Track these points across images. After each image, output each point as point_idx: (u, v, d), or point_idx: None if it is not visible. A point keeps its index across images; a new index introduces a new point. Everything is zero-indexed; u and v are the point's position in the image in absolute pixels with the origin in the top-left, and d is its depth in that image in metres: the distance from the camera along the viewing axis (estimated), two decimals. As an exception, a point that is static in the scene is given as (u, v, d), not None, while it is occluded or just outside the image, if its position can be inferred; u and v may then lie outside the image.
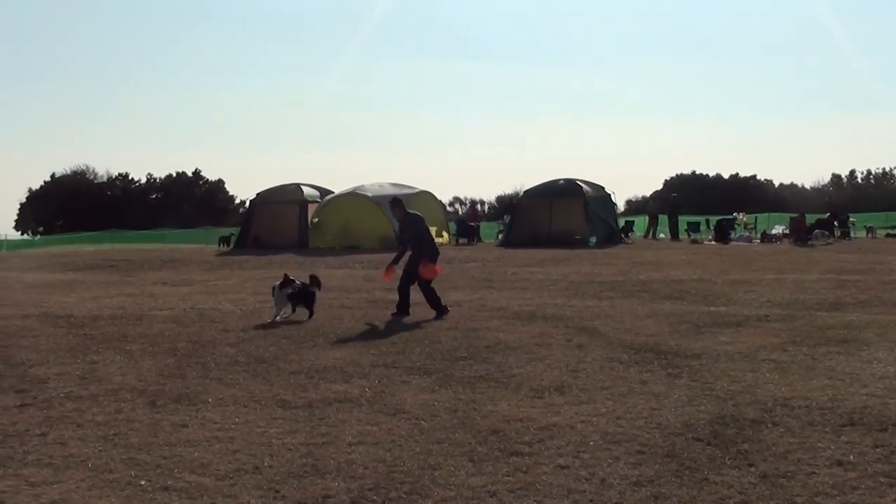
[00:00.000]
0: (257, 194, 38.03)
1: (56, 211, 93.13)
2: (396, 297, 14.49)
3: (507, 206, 46.25)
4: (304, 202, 35.99)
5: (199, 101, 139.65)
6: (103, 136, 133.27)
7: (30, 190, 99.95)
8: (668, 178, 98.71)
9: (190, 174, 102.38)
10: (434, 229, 28.43)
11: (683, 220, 39.29)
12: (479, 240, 38.24)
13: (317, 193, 37.27)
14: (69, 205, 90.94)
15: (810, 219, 35.62)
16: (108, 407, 8.30)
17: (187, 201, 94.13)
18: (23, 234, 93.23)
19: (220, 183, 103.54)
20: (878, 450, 6.48)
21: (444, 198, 76.45)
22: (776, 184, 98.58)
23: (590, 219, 33.27)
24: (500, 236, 37.81)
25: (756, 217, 41.91)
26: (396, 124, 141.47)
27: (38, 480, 6.16)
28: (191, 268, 26.28)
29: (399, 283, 14.55)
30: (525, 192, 38.76)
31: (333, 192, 36.97)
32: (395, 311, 14.33)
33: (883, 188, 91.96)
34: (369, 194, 34.85)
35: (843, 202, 37.59)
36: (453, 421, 7.59)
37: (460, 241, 36.64)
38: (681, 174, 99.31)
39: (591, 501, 5.63)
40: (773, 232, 36.44)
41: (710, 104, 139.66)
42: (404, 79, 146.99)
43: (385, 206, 33.65)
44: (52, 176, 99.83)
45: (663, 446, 6.67)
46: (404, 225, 14.93)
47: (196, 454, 6.72)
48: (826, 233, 34.44)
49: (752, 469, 6.11)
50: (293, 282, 14.21)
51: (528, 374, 9.49)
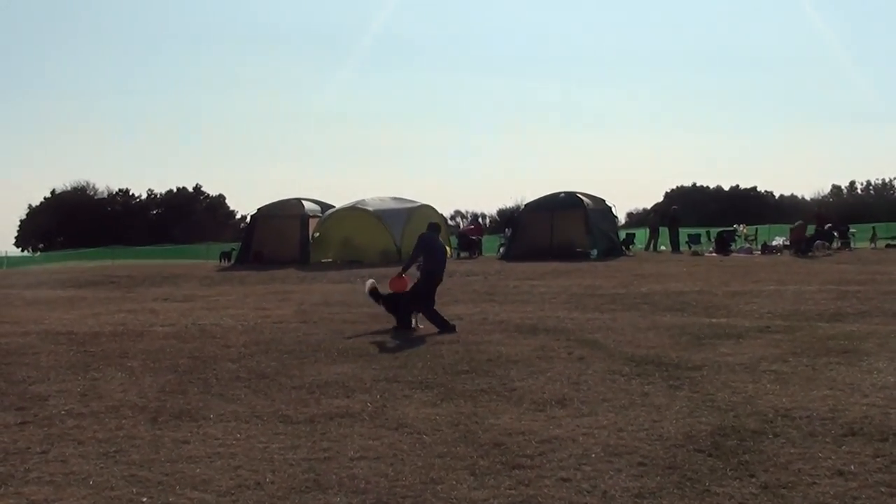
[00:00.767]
0: (258, 209, 37.98)
1: (56, 227, 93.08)
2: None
3: (508, 219, 46.20)
4: (305, 217, 35.94)
5: (200, 117, 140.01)
6: (103, 151, 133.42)
7: (30, 206, 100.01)
8: (668, 191, 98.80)
9: (191, 189, 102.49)
10: None
11: (684, 232, 39.24)
12: (480, 253, 38.23)
13: (318, 208, 37.26)
14: (69, 221, 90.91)
15: (810, 230, 35.55)
16: (109, 424, 8.30)
17: (188, 217, 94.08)
18: (23, 250, 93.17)
19: (220, 198, 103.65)
20: (878, 460, 6.49)
21: (446, 211, 76.62)
22: (776, 195, 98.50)
23: (591, 231, 33.23)
24: (501, 249, 37.78)
25: (756, 228, 41.84)
26: (397, 138, 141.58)
27: (39, 498, 6.17)
28: (192, 283, 26.29)
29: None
30: (526, 205, 38.76)
31: (334, 207, 36.96)
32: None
33: (883, 198, 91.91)
34: (370, 208, 34.85)
35: (831, 213, 37.27)
36: (455, 435, 7.59)
37: (461, 254, 36.62)
38: (681, 186, 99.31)
39: (592, 514, 5.63)
40: (774, 243, 36.40)
41: (710, 116, 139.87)
42: (405, 93, 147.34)
43: (386, 220, 33.82)
44: (53, 192, 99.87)
45: (665, 458, 6.68)
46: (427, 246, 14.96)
47: (198, 470, 6.72)
48: (826, 244, 34.40)
49: (754, 480, 6.12)
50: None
51: (529, 386, 9.49)
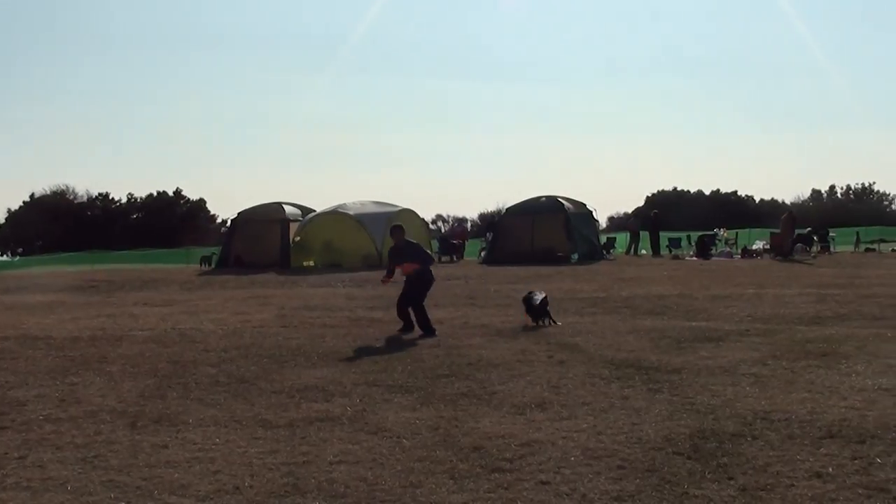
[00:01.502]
0: (239, 213, 37.96)
1: (36, 231, 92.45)
2: (378, 315, 14.58)
3: (490, 223, 46.27)
4: (285, 221, 35.93)
5: (180, 122, 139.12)
6: (83, 155, 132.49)
7: (9, 210, 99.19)
8: (649, 195, 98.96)
9: (171, 194, 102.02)
10: None
11: (665, 236, 39.44)
12: (462, 257, 38.30)
13: (298, 212, 37.25)
14: (49, 225, 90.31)
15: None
16: (87, 429, 8.25)
17: (168, 221, 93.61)
18: (2, 255, 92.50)
19: (201, 202, 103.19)
20: (856, 462, 6.52)
21: (427, 216, 76.56)
22: (757, 200, 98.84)
23: (571, 235, 33.36)
24: (482, 253, 37.84)
25: (737, 233, 42.04)
26: (378, 143, 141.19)
27: None
28: (172, 288, 26.19)
29: (397, 306, 14.71)
30: (507, 209, 38.86)
31: (315, 211, 36.96)
32: (400, 328, 14.52)
33: (863, 203, 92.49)
34: (351, 213, 34.86)
35: (804, 217, 37.13)
36: (435, 438, 7.59)
37: (443, 258, 36.66)
38: (662, 191, 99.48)
39: (572, 517, 5.64)
40: (754, 247, 36.61)
41: (691, 121, 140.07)
42: (385, 97, 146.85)
43: (367, 225, 33.81)
44: (32, 196, 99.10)
45: (644, 461, 6.69)
46: (403, 250, 14.96)
47: (176, 475, 6.69)
48: (806, 247, 34.62)
49: (732, 482, 6.14)
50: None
51: (509, 390, 9.50)
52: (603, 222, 61.67)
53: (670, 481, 6.19)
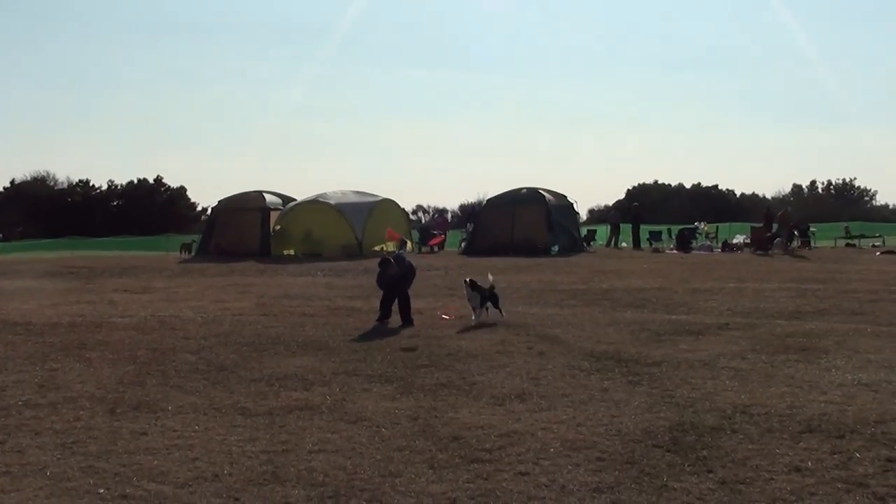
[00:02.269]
0: (219, 201, 37.81)
1: (15, 218, 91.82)
2: (358, 304, 14.55)
3: (470, 214, 46.25)
4: (266, 210, 35.81)
5: (162, 108, 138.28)
6: (63, 141, 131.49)
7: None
8: (630, 188, 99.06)
9: (152, 181, 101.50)
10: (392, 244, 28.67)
11: (645, 230, 39.56)
12: (442, 248, 38.26)
13: (279, 201, 37.12)
14: (29, 211, 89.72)
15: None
16: (66, 415, 8.21)
17: (149, 208, 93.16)
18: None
19: (182, 190, 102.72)
20: (835, 456, 6.56)
21: (408, 206, 76.42)
22: (738, 194, 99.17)
23: (552, 227, 33.39)
24: (462, 244, 37.83)
25: (717, 227, 42.17)
26: (359, 133, 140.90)
27: (-7, 489, 6.09)
28: (152, 275, 26.06)
29: (382, 297, 14.71)
30: (488, 200, 38.84)
31: (296, 200, 36.85)
32: (378, 318, 14.48)
33: (843, 198, 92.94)
34: (331, 202, 34.78)
35: (779, 211, 37.33)
36: (414, 428, 7.59)
37: (423, 248, 36.63)
38: (643, 183, 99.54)
39: (551, 508, 5.65)
40: (734, 241, 36.76)
41: (672, 114, 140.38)
42: (367, 88, 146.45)
43: (347, 214, 33.75)
44: (12, 182, 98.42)
45: (623, 453, 6.71)
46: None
47: (155, 462, 6.67)
48: (786, 242, 34.77)
49: (711, 475, 6.16)
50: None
51: (489, 381, 9.51)
52: (584, 214, 61.70)
53: (649, 473, 6.21)
